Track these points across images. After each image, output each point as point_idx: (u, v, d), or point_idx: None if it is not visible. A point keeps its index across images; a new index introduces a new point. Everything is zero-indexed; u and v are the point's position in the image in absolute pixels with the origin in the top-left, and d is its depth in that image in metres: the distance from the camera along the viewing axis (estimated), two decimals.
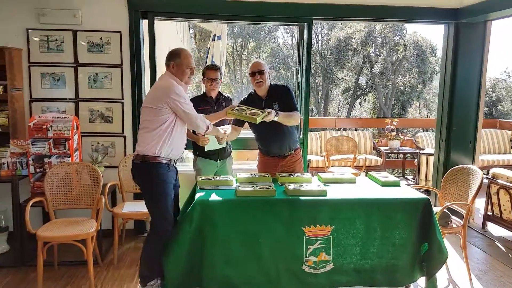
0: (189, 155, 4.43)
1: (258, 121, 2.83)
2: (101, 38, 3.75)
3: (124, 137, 3.88)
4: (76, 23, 3.69)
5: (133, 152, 3.83)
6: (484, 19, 4.00)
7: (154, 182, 2.63)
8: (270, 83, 3.23)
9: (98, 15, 3.72)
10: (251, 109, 2.93)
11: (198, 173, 3.44)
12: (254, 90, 3.25)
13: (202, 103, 3.36)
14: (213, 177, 3.03)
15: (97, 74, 3.79)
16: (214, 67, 3.44)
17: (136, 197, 3.89)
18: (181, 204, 2.92)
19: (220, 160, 3.45)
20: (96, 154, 3.79)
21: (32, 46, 3.70)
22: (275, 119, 2.99)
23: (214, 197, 2.61)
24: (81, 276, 3.16)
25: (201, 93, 3.51)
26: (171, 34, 8.51)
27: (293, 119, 3.15)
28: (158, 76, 3.99)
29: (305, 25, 4.01)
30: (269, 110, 2.95)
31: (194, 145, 3.42)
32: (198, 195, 2.64)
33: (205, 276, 2.54)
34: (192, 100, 3.41)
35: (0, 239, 3.50)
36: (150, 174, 2.63)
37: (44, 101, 3.78)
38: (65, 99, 3.79)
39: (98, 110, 3.84)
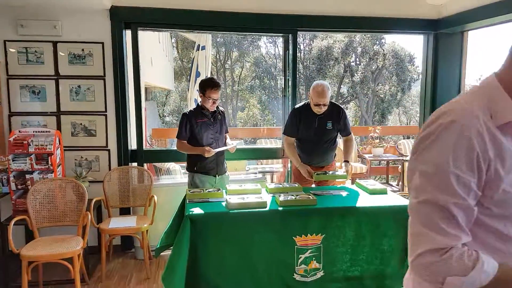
0: (176, 167, 4.37)
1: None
2: (82, 50, 3.68)
3: (108, 150, 3.79)
4: (56, 34, 3.61)
5: (118, 165, 3.77)
6: (461, 29, 4.11)
7: None
8: None
9: (79, 26, 3.65)
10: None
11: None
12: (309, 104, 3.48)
13: (200, 116, 3.30)
14: (203, 190, 2.99)
15: (79, 86, 3.71)
16: (217, 86, 3.22)
17: (122, 212, 3.80)
18: (170, 218, 2.87)
19: (218, 176, 3.37)
20: (80, 169, 3.70)
21: (10, 58, 3.59)
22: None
23: (204, 210, 2.57)
24: None
25: (196, 106, 3.42)
26: (154, 43, 8.46)
27: (353, 147, 3.58)
28: (142, 87, 3.95)
29: (290, 36, 4.05)
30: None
31: (190, 161, 3.33)
32: (188, 209, 2.59)
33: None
34: (189, 113, 3.34)
35: None
36: None
37: (24, 115, 3.67)
38: (46, 113, 3.69)
39: (81, 124, 3.75)
